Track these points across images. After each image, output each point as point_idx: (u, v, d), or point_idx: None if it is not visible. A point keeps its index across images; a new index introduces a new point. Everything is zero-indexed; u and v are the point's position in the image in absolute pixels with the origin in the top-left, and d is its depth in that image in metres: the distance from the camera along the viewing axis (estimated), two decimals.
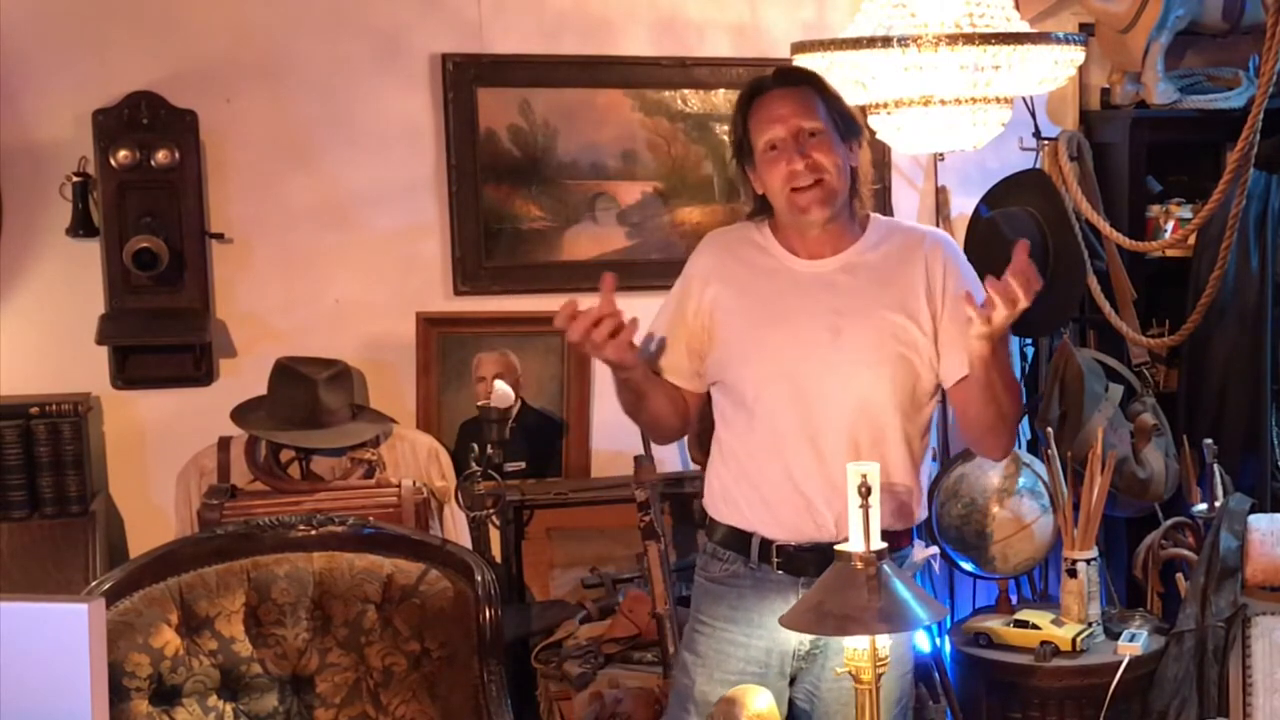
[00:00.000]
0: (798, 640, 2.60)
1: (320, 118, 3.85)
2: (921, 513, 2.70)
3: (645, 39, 4.06)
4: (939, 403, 2.72)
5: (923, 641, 3.46)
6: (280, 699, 2.91)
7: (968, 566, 3.80)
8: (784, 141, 2.54)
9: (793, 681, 2.65)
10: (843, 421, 2.56)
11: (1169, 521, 3.79)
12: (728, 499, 2.66)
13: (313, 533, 2.99)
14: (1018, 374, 4.11)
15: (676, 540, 3.71)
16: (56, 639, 2.09)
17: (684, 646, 2.74)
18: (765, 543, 2.61)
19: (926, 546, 3.18)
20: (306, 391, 3.64)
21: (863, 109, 3.39)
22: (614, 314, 2.47)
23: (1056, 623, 3.49)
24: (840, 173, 2.57)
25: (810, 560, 2.56)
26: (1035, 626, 3.49)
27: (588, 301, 2.59)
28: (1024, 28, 3.25)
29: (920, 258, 2.63)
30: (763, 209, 2.66)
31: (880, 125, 3.39)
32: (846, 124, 2.62)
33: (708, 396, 2.71)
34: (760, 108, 2.58)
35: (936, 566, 3.79)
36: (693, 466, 3.79)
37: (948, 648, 3.67)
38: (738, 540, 2.65)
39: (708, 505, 2.72)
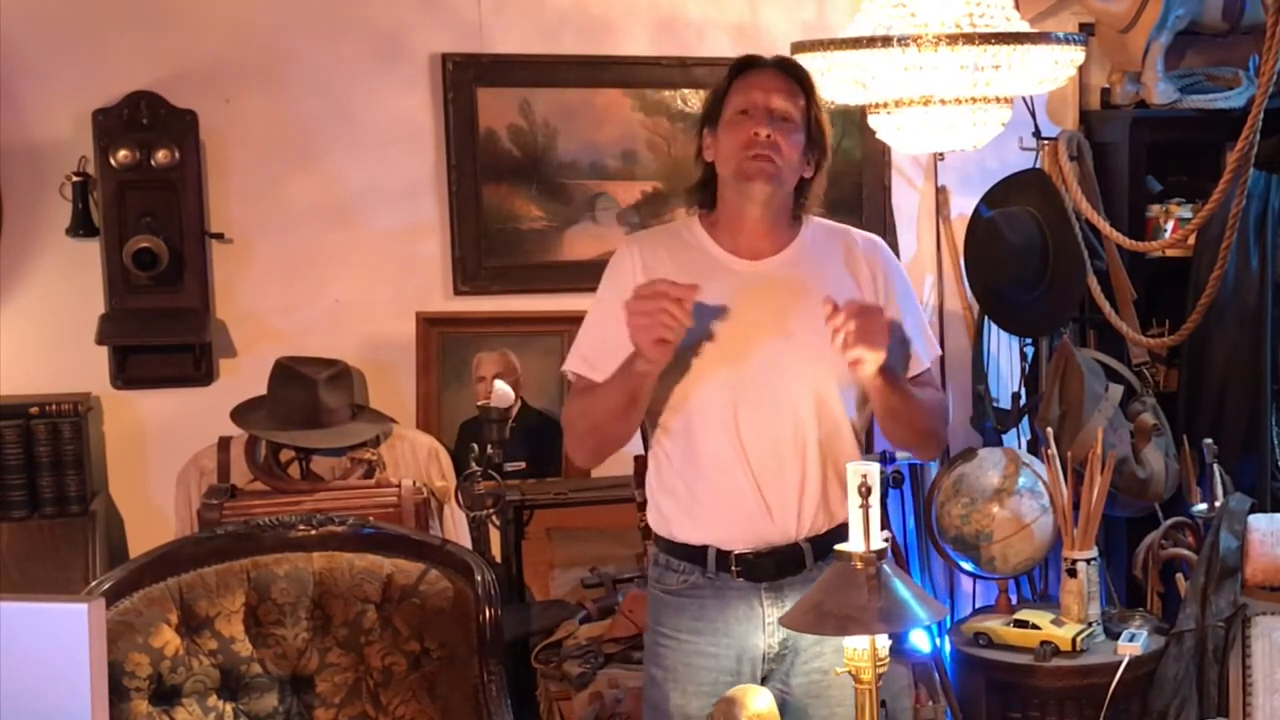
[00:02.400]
0: (766, 643, 2.58)
1: (320, 118, 3.85)
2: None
3: (645, 39, 4.06)
4: None
5: (923, 641, 3.46)
6: (280, 699, 2.91)
7: (968, 566, 3.80)
8: (758, 110, 2.54)
9: (763, 681, 2.64)
10: (801, 422, 2.54)
11: (1169, 521, 3.79)
12: (674, 514, 2.61)
13: (313, 533, 2.99)
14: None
15: None
16: (56, 639, 2.09)
17: (649, 661, 2.68)
18: (721, 553, 2.58)
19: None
20: (306, 391, 3.64)
21: (863, 109, 3.39)
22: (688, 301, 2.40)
23: (1056, 623, 3.49)
24: (791, 168, 2.56)
25: (769, 565, 2.55)
26: (1035, 626, 3.49)
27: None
28: (1024, 28, 3.24)
29: (860, 258, 2.64)
30: (705, 184, 2.64)
31: (880, 125, 3.38)
32: (817, 136, 2.61)
33: None
34: (749, 77, 2.59)
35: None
36: None
37: (948, 648, 3.67)
38: (691, 552, 2.61)
39: (653, 522, 2.68)
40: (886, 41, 3.10)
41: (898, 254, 4.25)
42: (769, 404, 2.53)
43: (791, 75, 2.61)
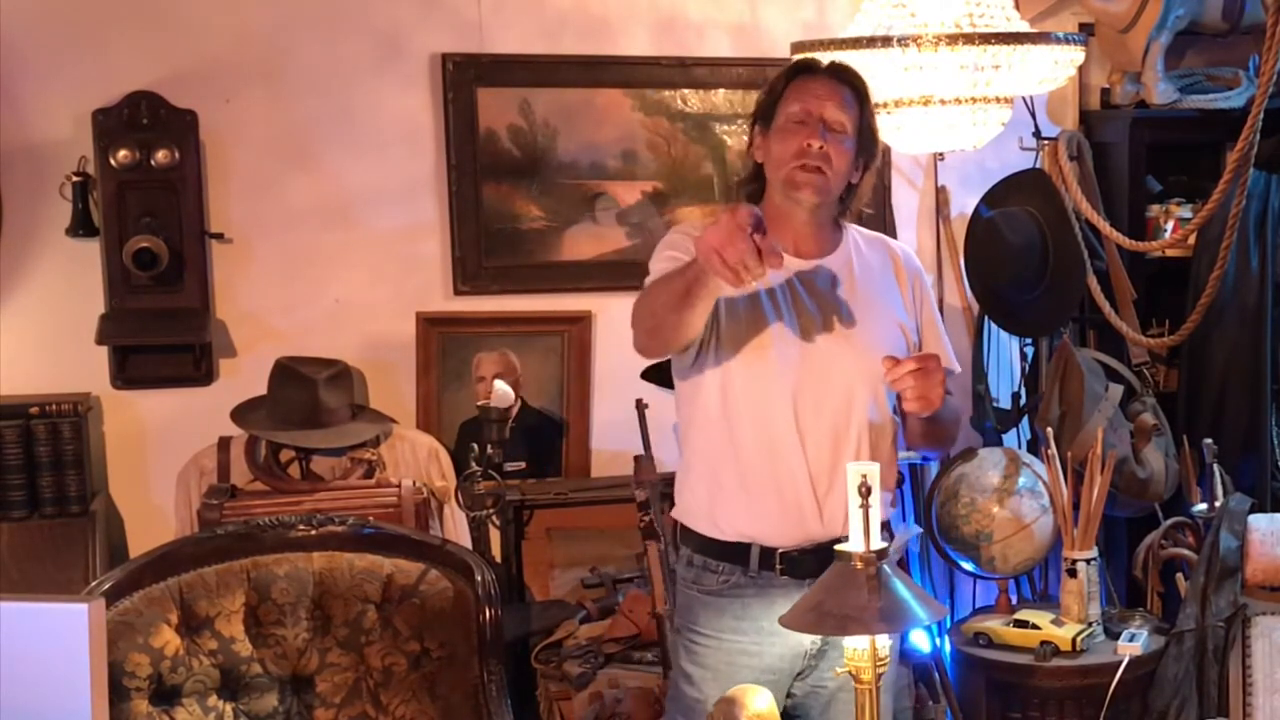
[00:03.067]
0: (810, 639, 2.60)
1: (320, 118, 3.85)
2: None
3: (645, 39, 4.06)
4: None
5: (923, 641, 3.46)
6: (280, 699, 2.91)
7: (968, 566, 3.80)
8: (813, 120, 2.56)
9: (798, 676, 2.65)
10: (854, 418, 2.58)
11: (1169, 521, 3.79)
12: (713, 512, 2.63)
13: (313, 533, 2.99)
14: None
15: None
16: (56, 639, 2.09)
17: (686, 660, 2.69)
18: (766, 550, 2.60)
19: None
20: (306, 391, 3.64)
21: None
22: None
23: (1056, 623, 3.49)
24: (841, 178, 2.60)
25: (813, 561, 2.56)
26: (1035, 626, 3.49)
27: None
28: (1024, 28, 3.25)
29: (904, 274, 2.70)
30: (753, 179, 2.66)
31: (880, 125, 3.38)
32: (869, 142, 2.64)
33: None
34: (806, 81, 2.60)
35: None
36: None
37: (948, 648, 3.67)
38: (732, 551, 2.62)
39: (688, 519, 2.69)
40: (886, 41, 3.11)
41: None
42: (827, 399, 2.57)
43: (847, 83, 2.63)
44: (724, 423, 2.60)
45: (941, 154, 4.20)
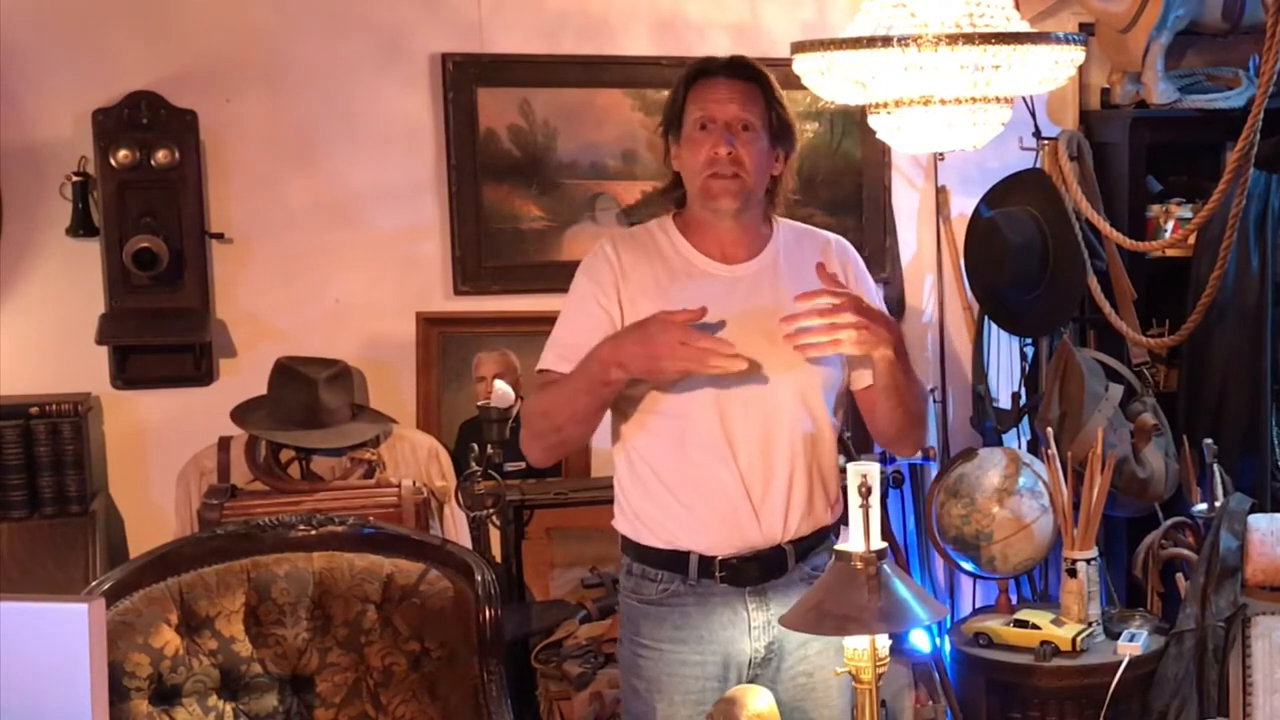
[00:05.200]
0: (752, 648, 2.57)
1: (320, 118, 3.85)
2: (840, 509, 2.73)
3: (645, 39, 4.06)
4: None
5: (923, 641, 3.47)
6: (280, 699, 2.91)
7: (968, 566, 3.80)
8: (716, 126, 2.53)
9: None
10: (787, 425, 2.54)
11: (1169, 521, 3.80)
12: (651, 519, 2.59)
13: (313, 533, 2.99)
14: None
15: None
16: (56, 639, 2.09)
17: (628, 672, 2.65)
18: (704, 559, 2.56)
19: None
20: (306, 391, 3.64)
21: (862, 109, 3.39)
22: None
23: (1056, 623, 3.49)
24: (759, 173, 2.56)
25: (754, 569, 2.55)
26: (1035, 626, 3.49)
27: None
28: (1024, 28, 3.24)
29: (837, 264, 2.63)
30: (675, 187, 2.63)
31: (880, 125, 3.38)
32: (782, 131, 2.60)
33: None
34: (704, 87, 2.56)
35: None
36: None
37: (948, 648, 3.67)
38: (671, 560, 2.58)
39: (624, 528, 2.65)
40: (886, 41, 3.10)
41: (897, 254, 4.27)
42: (756, 407, 2.52)
43: (746, 77, 2.58)
44: (654, 433, 2.57)
45: (941, 154, 4.20)
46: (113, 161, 3.63)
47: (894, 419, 2.61)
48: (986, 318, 4.22)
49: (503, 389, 3.70)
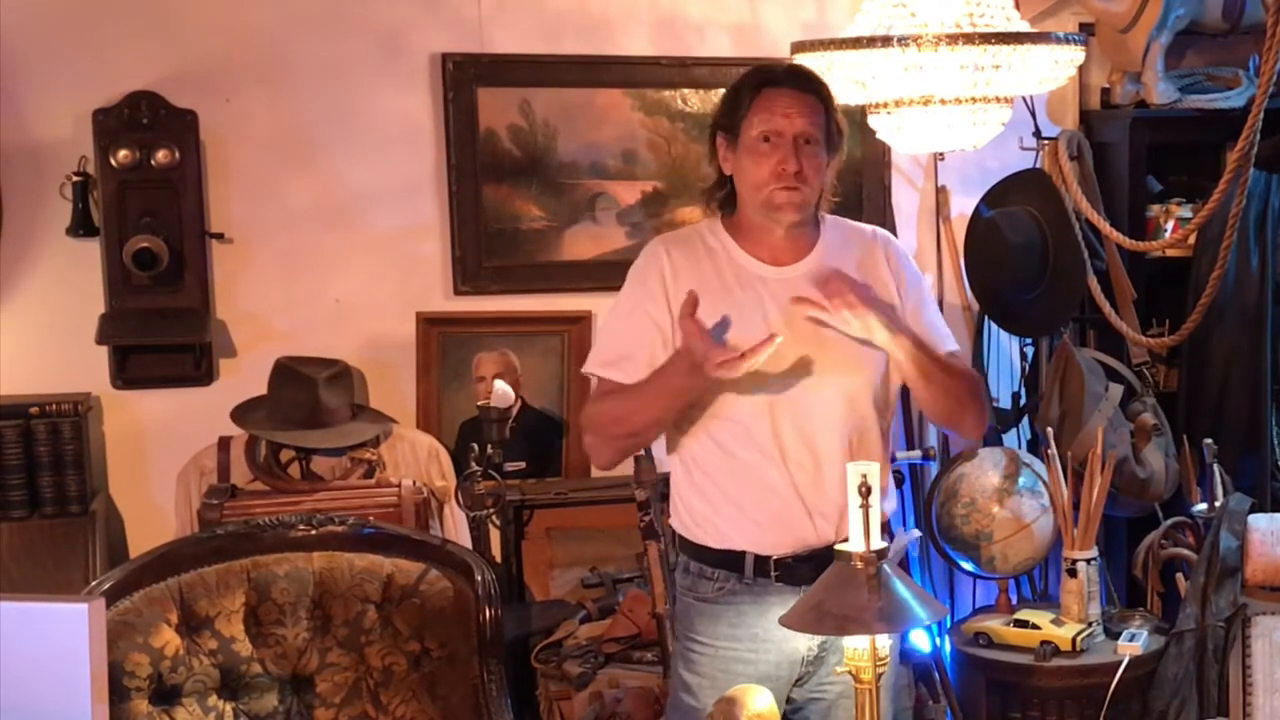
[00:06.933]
0: (806, 646, 2.60)
1: (320, 118, 3.85)
2: (892, 503, 2.76)
3: (645, 39, 4.06)
4: None
5: (923, 641, 3.46)
6: (280, 699, 2.91)
7: (968, 566, 3.80)
8: (784, 140, 2.54)
9: (798, 683, 2.65)
10: (836, 425, 2.57)
11: (1169, 521, 3.79)
12: (707, 521, 2.62)
13: (313, 532, 2.99)
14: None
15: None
16: (56, 639, 2.09)
17: (683, 668, 2.68)
18: (760, 558, 2.59)
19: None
20: (307, 391, 3.64)
21: (862, 109, 3.39)
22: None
23: (1056, 622, 3.49)
24: (819, 186, 2.59)
25: (808, 568, 2.55)
26: (1035, 626, 3.49)
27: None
28: (1024, 28, 3.25)
29: (881, 257, 2.66)
30: (721, 187, 2.65)
31: (880, 125, 3.39)
32: (836, 138, 2.62)
33: None
34: (771, 98, 2.56)
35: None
36: None
37: (948, 648, 3.67)
38: (727, 559, 2.61)
39: (682, 529, 2.68)
40: (886, 41, 3.11)
41: None
42: (805, 408, 2.55)
43: (811, 90, 2.60)
44: (706, 436, 2.60)
45: (941, 154, 4.20)
46: (113, 161, 3.63)
47: (941, 405, 2.64)
48: (986, 318, 4.22)
49: (503, 389, 3.70)
